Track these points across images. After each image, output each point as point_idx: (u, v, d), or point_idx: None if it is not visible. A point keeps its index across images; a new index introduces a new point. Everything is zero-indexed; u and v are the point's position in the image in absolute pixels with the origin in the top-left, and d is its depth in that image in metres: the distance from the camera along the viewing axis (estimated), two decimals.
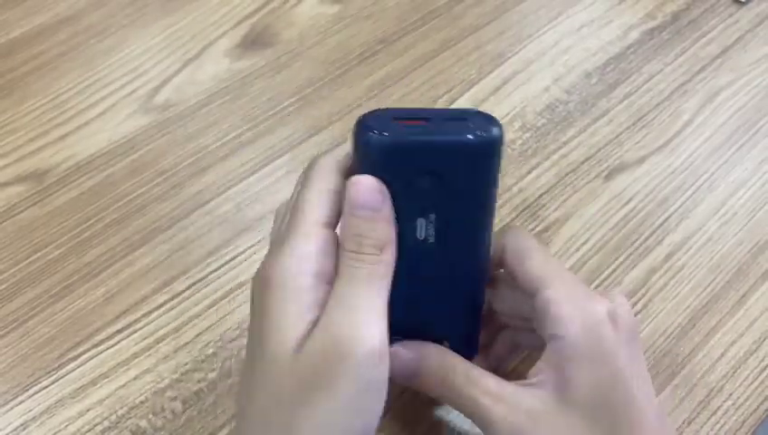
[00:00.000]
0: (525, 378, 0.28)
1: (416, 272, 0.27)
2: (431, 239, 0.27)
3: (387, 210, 0.25)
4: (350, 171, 0.27)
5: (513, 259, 0.29)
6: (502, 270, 0.30)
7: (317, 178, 0.26)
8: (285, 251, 0.25)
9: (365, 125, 0.25)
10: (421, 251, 0.27)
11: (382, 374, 0.24)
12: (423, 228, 0.27)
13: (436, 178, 0.25)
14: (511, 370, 0.34)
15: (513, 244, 0.29)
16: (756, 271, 0.40)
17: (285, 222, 0.27)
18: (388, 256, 0.25)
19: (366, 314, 0.24)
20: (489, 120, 0.26)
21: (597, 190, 0.43)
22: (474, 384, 0.27)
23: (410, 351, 0.28)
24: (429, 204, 0.26)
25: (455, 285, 0.28)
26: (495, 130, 0.25)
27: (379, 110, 0.26)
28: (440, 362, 0.28)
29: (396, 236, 0.26)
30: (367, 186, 0.25)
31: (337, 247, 0.26)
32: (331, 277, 0.25)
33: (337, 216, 0.26)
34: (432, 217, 0.26)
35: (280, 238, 0.26)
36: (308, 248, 0.25)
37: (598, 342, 0.26)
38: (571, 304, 0.27)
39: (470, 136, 0.25)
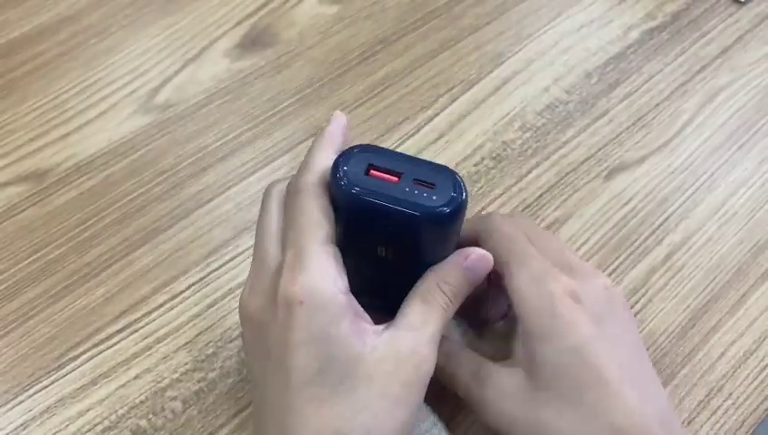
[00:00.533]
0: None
1: (380, 272, 0.30)
2: (390, 258, 0.29)
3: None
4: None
5: (484, 247, 0.30)
6: None
7: (310, 198, 0.28)
8: (311, 270, 0.26)
9: (340, 170, 0.27)
10: (382, 262, 0.30)
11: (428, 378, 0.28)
12: (383, 251, 0.29)
13: (392, 229, 0.28)
14: None
15: (483, 232, 0.31)
16: (756, 271, 0.40)
17: (283, 244, 0.28)
18: (457, 307, 0.30)
19: (429, 341, 0.28)
20: (454, 190, 0.27)
21: (597, 190, 0.43)
22: (460, 366, 0.31)
23: None
24: (387, 241, 0.29)
25: (413, 280, 0.31)
26: (447, 209, 0.27)
27: (360, 149, 0.28)
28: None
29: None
30: (490, 265, 0.30)
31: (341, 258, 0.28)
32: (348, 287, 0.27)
33: (333, 231, 0.28)
34: (390, 248, 0.29)
35: (291, 260, 0.27)
36: (332, 268, 0.27)
37: (552, 318, 0.28)
38: (527, 284, 0.29)
39: (423, 211, 0.27)
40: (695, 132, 0.46)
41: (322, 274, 0.26)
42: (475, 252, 0.30)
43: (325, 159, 0.29)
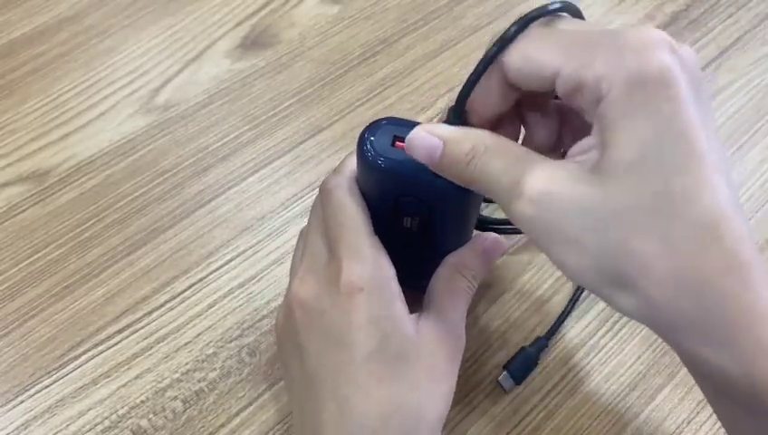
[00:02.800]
0: None
1: (405, 244, 0.31)
2: (415, 229, 0.31)
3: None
4: (357, 172, 0.30)
5: (517, 60, 0.24)
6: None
7: (346, 195, 0.30)
8: (367, 261, 0.28)
9: (366, 143, 0.28)
10: (408, 234, 0.31)
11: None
12: (408, 222, 0.30)
13: (418, 198, 0.29)
14: None
15: (515, 58, 0.24)
16: None
17: (329, 239, 0.30)
18: (476, 288, 0.32)
19: (460, 321, 0.31)
20: None
21: None
22: (495, 156, 0.24)
23: (433, 131, 0.26)
24: (413, 211, 0.30)
25: (434, 251, 0.32)
26: None
27: (386, 122, 0.28)
28: (469, 137, 0.25)
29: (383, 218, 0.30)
30: (498, 245, 0.32)
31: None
32: None
33: (371, 223, 0.30)
34: (416, 219, 0.30)
35: (346, 252, 0.28)
36: (382, 256, 0.29)
37: (658, 78, 0.21)
38: (614, 53, 0.22)
39: (447, 181, 0.26)
40: None
41: (377, 263, 0.28)
42: (489, 237, 0.32)
43: (354, 163, 0.30)
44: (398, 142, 0.28)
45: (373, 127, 0.28)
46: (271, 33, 0.51)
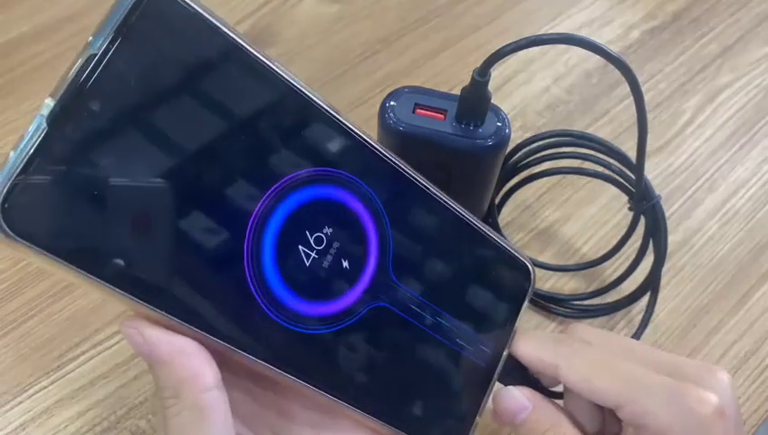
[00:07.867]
0: None
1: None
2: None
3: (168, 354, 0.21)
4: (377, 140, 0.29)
5: (576, 384, 0.27)
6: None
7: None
8: None
9: (387, 109, 0.28)
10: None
11: None
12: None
13: (438, 164, 0.28)
14: None
15: (567, 368, 0.27)
16: (757, 271, 0.40)
17: None
18: (188, 401, 0.21)
19: None
20: (497, 123, 0.28)
21: (597, 190, 0.43)
22: None
23: (524, 395, 0.28)
24: (433, 179, 0.29)
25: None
26: (492, 141, 0.28)
27: (408, 90, 0.29)
28: (551, 415, 0.28)
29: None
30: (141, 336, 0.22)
31: None
32: None
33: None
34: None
35: None
36: None
37: None
38: (670, 408, 0.25)
39: (469, 143, 0.28)
40: (695, 132, 0.46)
41: None
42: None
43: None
44: (418, 110, 0.28)
45: (394, 94, 0.29)
46: (270, 31, 0.50)
